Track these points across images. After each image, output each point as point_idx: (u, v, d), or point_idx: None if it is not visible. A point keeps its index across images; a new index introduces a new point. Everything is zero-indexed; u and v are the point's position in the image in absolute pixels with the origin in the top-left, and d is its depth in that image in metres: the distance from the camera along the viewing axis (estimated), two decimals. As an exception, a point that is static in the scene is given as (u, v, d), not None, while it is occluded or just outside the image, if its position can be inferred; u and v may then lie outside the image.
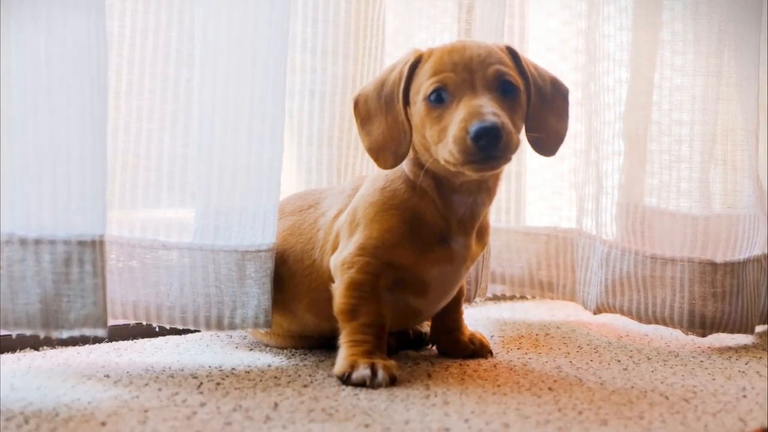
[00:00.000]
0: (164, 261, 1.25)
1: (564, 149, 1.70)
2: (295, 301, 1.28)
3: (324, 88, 1.48)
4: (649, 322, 1.51)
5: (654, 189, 1.54)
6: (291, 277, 1.28)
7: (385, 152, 1.19)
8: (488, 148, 1.07)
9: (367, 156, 1.53)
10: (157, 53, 1.27)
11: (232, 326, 1.25)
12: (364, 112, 1.21)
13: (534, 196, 1.80)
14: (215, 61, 1.23)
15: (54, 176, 1.08)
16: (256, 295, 1.25)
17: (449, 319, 1.34)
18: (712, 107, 1.50)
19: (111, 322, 1.35)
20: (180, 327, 1.27)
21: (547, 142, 1.22)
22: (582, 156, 1.65)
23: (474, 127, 1.07)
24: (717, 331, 1.47)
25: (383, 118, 1.19)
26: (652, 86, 1.53)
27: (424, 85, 1.15)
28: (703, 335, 1.48)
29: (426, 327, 1.41)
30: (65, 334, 1.09)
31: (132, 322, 1.27)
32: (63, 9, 1.07)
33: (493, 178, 1.22)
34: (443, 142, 1.11)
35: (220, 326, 1.25)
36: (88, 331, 1.09)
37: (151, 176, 1.27)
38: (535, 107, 1.19)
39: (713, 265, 1.47)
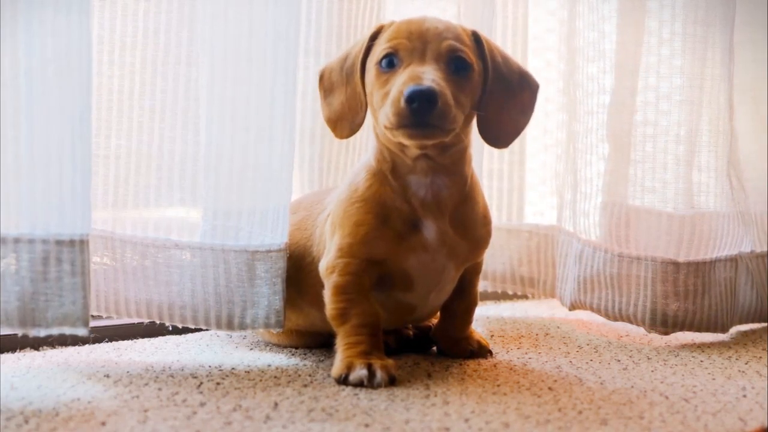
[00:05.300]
0: (176, 260, 1.25)
1: (558, 149, 1.72)
2: (300, 297, 1.28)
3: (306, 87, 1.48)
4: (615, 320, 1.53)
5: (626, 188, 1.54)
6: (297, 272, 1.28)
7: (342, 122, 1.21)
8: (420, 112, 1.08)
9: (351, 155, 1.54)
10: (168, 53, 1.27)
11: (243, 326, 1.25)
12: (328, 84, 1.24)
13: (533, 195, 1.80)
14: (224, 61, 1.23)
15: (34, 176, 1.07)
16: (267, 295, 1.25)
17: (454, 326, 1.32)
18: (686, 108, 1.50)
19: (121, 320, 1.36)
20: (192, 326, 1.27)
21: (501, 133, 1.22)
22: (563, 153, 1.66)
23: (409, 89, 1.08)
24: (681, 329, 1.48)
25: (343, 89, 1.21)
26: (636, 87, 1.52)
27: (377, 51, 1.17)
28: (666, 333, 1.49)
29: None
30: (43, 333, 1.08)
31: (145, 320, 1.28)
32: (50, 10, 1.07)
33: (451, 160, 1.19)
34: (383, 107, 1.12)
35: (230, 326, 1.25)
36: (67, 330, 1.09)
37: (163, 176, 1.27)
38: (493, 95, 1.19)
39: (676, 264, 1.47)
